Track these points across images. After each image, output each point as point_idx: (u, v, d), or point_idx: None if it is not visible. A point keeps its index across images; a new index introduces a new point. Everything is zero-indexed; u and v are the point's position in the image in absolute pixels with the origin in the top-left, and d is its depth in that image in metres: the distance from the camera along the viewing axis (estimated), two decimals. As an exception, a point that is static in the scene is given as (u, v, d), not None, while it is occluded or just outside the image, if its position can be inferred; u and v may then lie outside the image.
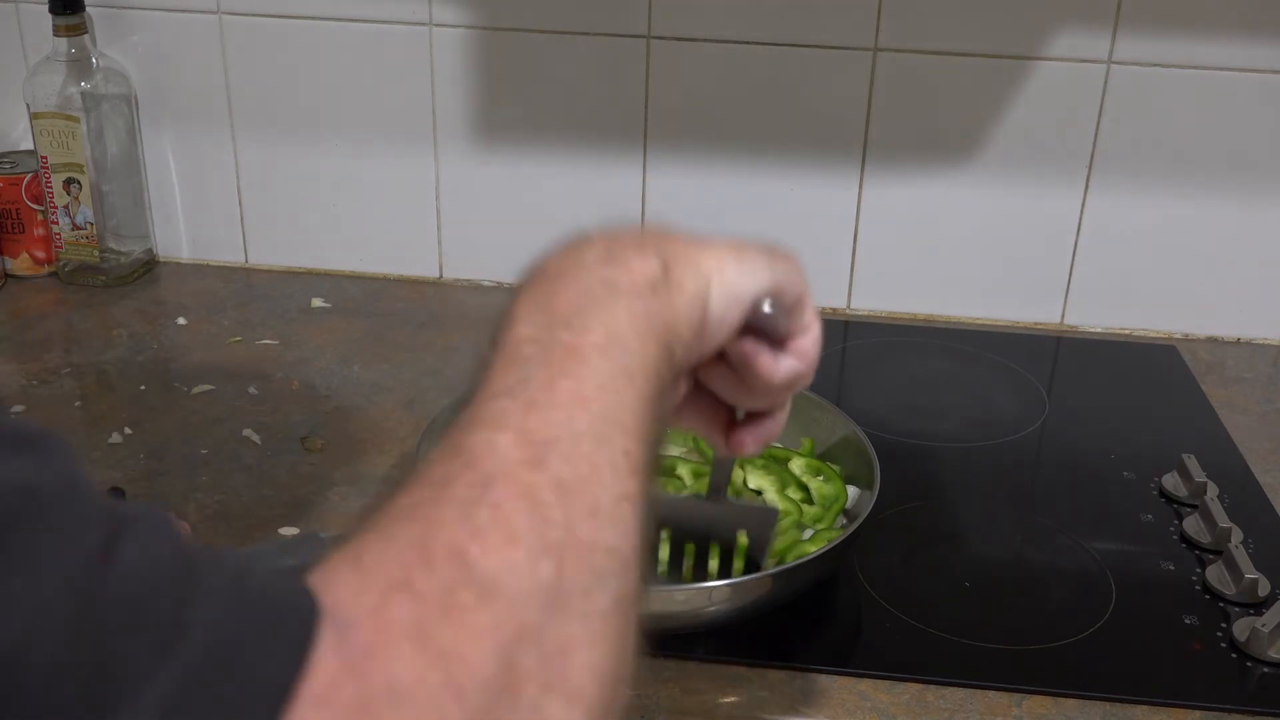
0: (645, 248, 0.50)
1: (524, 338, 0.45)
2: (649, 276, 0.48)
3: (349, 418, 1.04)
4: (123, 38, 1.23)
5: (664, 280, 0.49)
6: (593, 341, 0.45)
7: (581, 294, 0.47)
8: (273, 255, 1.32)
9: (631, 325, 0.46)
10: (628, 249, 0.49)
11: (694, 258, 0.51)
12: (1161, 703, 0.76)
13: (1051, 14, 1.13)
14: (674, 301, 0.49)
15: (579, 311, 0.46)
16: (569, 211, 1.24)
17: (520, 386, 0.43)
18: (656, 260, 0.49)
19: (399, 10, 1.19)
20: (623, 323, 0.46)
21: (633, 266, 0.48)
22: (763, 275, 0.53)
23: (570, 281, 0.48)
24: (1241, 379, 1.17)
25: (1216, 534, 0.89)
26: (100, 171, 1.23)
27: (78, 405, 1.06)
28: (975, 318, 1.26)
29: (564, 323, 0.45)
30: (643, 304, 0.47)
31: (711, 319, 0.51)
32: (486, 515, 0.38)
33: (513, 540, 0.37)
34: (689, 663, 0.78)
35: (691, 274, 0.50)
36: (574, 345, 0.44)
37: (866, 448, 0.88)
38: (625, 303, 0.47)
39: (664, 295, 0.48)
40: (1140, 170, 1.17)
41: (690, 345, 0.50)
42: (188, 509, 0.91)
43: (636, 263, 0.48)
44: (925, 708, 0.75)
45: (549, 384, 0.43)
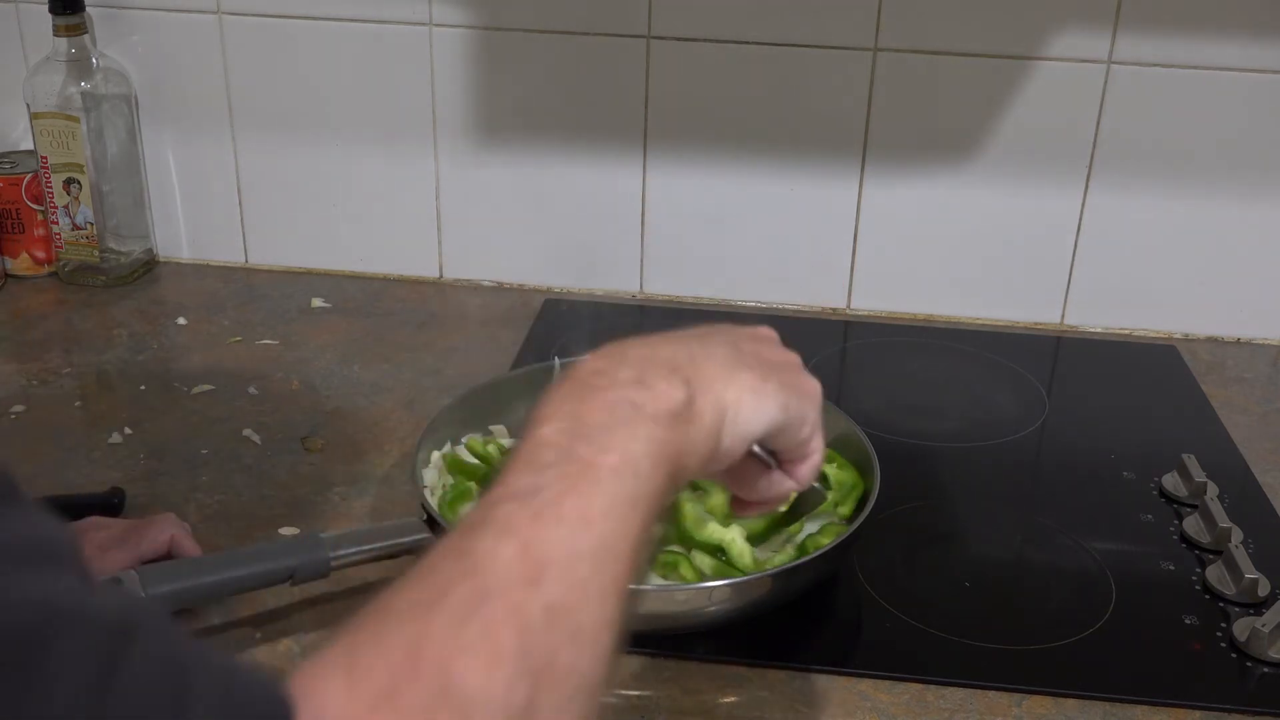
0: (676, 371, 0.53)
1: (546, 441, 0.48)
2: (672, 406, 0.52)
3: (349, 418, 1.04)
4: (123, 38, 1.23)
5: (685, 411, 0.52)
6: (609, 463, 0.48)
7: (609, 409, 0.50)
8: (273, 255, 1.32)
9: (647, 452, 0.49)
10: (660, 371, 0.53)
11: (718, 391, 0.55)
12: (1161, 703, 0.76)
13: (1051, 14, 1.12)
14: (690, 435, 0.52)
15: (603, 427, 0.49)
16: (569, 211, 1.24)
17: (533, 494, 0.46)
18: (683, 390, 0.52)
19: (399, 10, 1.19)
20: (639, 448, 0.49)
21: (659, 392, 0.52)
22: (774, 414, 0.57)
23: (601, 392, 0.51)
24: (1241, 379, 1.17)
25: (1216, 534, 0.89)
26: (100, 171, 1.23)
27: (78, 405, 1.06)
28: (975, 318, 1.26)
29: (586, 436, 0.49)
30: (662, 433, 0.50)
31: (719, 453, 0.55)
32: (477, 632, 0.40)
33: (497, 661, 0.40)
34: (689, 663, 0.78)
35: (711, 407, 0.54)
36: (590, 462, 0.47)
37: (866, 447, 0.88)
38: (646, 430, 0.50)
39: (682, 428, 0.52)
40: (1140, 170, 1.17)
41: (696, 473, 0.54)
42: (188, 509, 0.91)
43: (664, 388, 0.52)
44: (925, 708, 0.75)
45: (559, 498, 0.45)
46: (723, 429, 0.55)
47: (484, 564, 0.42)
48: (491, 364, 1.13)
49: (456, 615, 0.41)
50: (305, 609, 0.81)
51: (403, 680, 0.39)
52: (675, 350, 0.55)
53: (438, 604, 0.41)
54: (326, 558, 0.77)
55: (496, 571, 0.42)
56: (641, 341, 0.56)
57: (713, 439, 0.54)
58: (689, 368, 0.54)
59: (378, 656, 0.39)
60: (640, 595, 0.76)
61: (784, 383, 0.58)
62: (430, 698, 0.39)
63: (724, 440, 0.55)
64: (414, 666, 0.39)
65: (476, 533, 0.44)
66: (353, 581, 0.80)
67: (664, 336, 0.57)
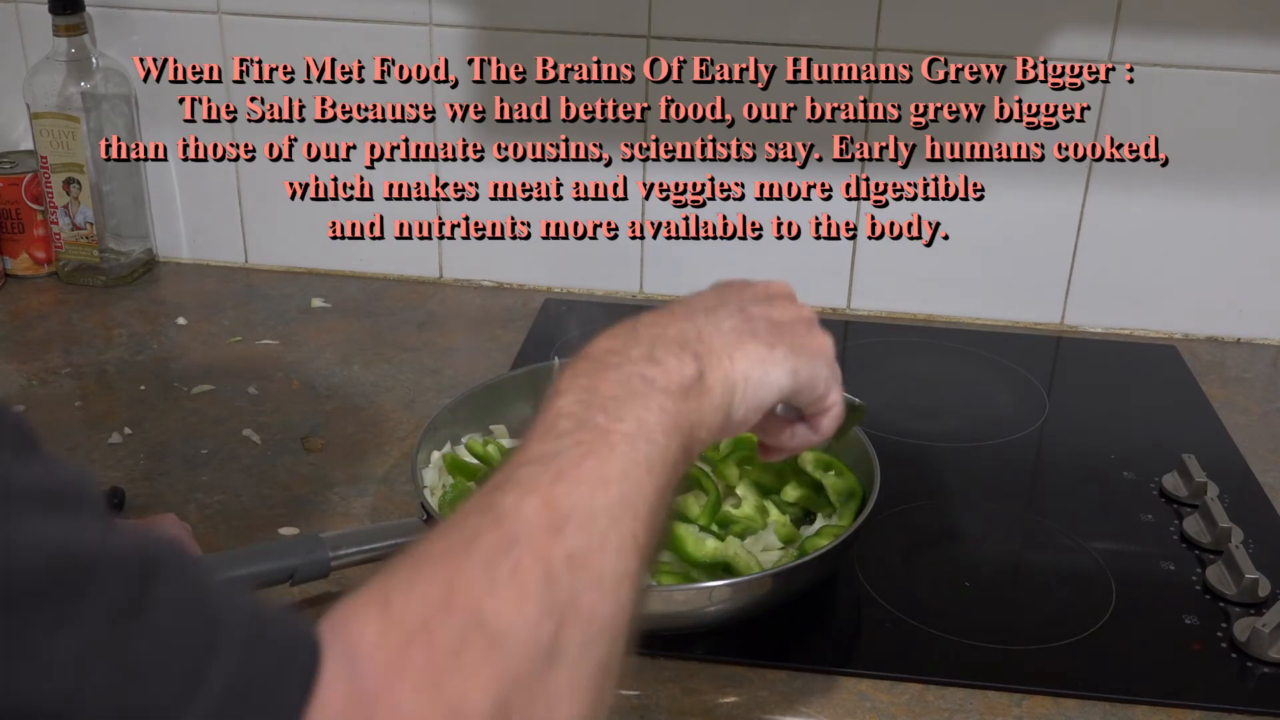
0: (685, 348, 0.55)
1: (564, 411, 0.50)
2: (683, 380, 0.54)
3: (349, 418, 1.04)
4: (123, 38, 1.23)
5: (696, 385, 0.54)
6: (623, 430, 0.50)
7: (622, 384, 0.52)
8: (273, 255, 1.32)
9: (660, 422, 0.51)
10: (670, 348, 0.55)
11: (726, 365, 0.57)
12: (1161, 703, 0.76)
13: (1051, 14, 1.12)
14: (701, 406, 0.54)
15: (617, 399, 0.51)
16: (569, 211, 1.24)
17: (552, 457, 0.48)
18: (693, 364, 0.55)
19: (399, 10, 1.19)
20: (653, 418, 0.51)
21: (670, 368, 0.54)
22: (784, 380, 0.59)
23: (614, 369, 0.53)
24: (1241, 379, 1.17)
25: (1217, 534, 0.89)
26: (100, 171, 1.23)
27: (78, 405, 1.06)
28: (975, 318, 1.26)
29: (601, 407, 0.51)
30: (674, 404, 0.53)
31: (732, 422, 0.57)
32: (506, 573, 0.43)
33: (524, 599, 0.42)
34: (689, 663, 0.78)
35: (721, 380, 0.56)
36: (606, 429, 0.50)
37: (866, 447, 0.88)
38: (659, 401, 0.52)
39: (694, 400, 0.54)
40: (1140, 170, 1.17)
41: (708, 442, 0.56)
42: (188, 509, 0.91)
43: (674, 364, 0.54)
44: (925, 708, 0.75)
45: (578, 461, 0.48)
46: (733, 401, 0.57)
47: (510, 515, 0.45)
48: (491, 364, 1.13)
49: (486, 558, 0.43)
50: (305, 609, 0.81)
51: (436, 616, 0.41)
52: (684, 326, 0.57)
53: (468, 549, 0.43)
54: (326, 558, 0.77)
55: (522, 521, 0.44)
56: (653, 319, 0.58)
57: (723, 411, 0.56)
58: (698, 344, 0.56)
59: (411, 595, 0.41)
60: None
61: (792, 347, 0.60)
62: (463, 631, 0.41)
63: (735, 412, 0.57)
64: (447, 603, 0.41)
65: (501, 490, 0.46)
66: (352, 582, 0.80)
67: (675, 310, 0.59)
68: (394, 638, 0.40)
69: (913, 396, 1.12)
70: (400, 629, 0.40)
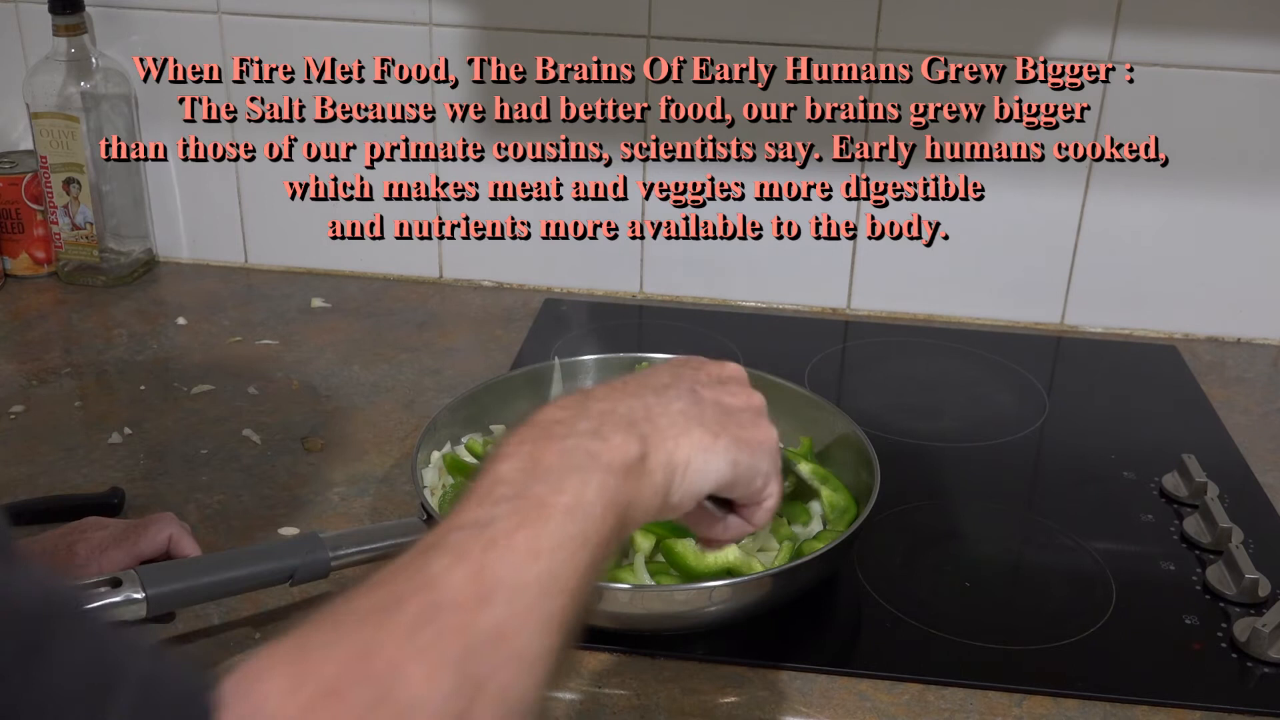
0: (633, 427, 0.55)
1: (503, 478, 0.50)
2: (626, 459, 0.53)
3: (349, 418, 1.04)
4: (123, 37, 1.23)
5: (638, 466, 0.54)
6: (562, 502, 0.49)
7: (565, 455, 0.52)
8: (273, 255, 1.32)
9: (599, 498, 0.51)
10: (617, 425, 0.55)
11: (669, 449, 0.56)
12: (1161, 703, 0.76)
13: (1051, 14, 1.12)
14: (640, 487, 0.54)
15: (558, 471, 0.51)
16: (569, 211, 1.24)
17: (487, 524, 0.47)
18: (638, 445, 0.54)
19: (399, 10, 1.19)
20: (592, 494, 0.51)
21: (615, 445, 0.53)
22: (724, 471, 0.59)
23: (559, 440, 0.53)
24: (1241, 379, 1.17)
25: (1217, 534, 0.89)
26: (100, 171, 1.23)
27: (78, 405, 1.06)
28: (975, 318, 1.26)
29: (542, 477, 0.50)
30: (615, 481, 0.52)
31: (668, 506, 0.57)
32: (427, 641, 0.42)
33: (440, 671, 0.42)
34: (689, 663, 0.78)
35: (663, 464, 0.56)
36: (544, 500, 0.49)
37: (866, 447, 0.88)
38: (600, 477, 0.52)
39: (634, 480, 0.54)
40: (1140, 170, 1.17)
41: (642, 523, 0.56)
42: (188, 509, 0.91)
43: (619, 441, 0.54)
44: (925, 708, 0.75)
45: (511, 530, 0.47)
46: (672, 485, 0.56)
47: (438, 581, 0.44)
48: (491, 364, 1.13)
49: (409, 625, 0.42)
50: (305, 609, 0.80)
51: (349, 680, 0.40)
52: (634, 404, 0.57)
53: (392, 613, 0.43)
54: (326, 558, 0.77)
55: (449, 588, 0.44)
56: (604, 392, 0.58)
57: (661, 493, 0.56)
58: (645, 424, 0.56)
59: (328, 655, 0.41)
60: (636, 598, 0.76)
61: (736, 438, 0.59)
62: (374, 699, 0.40)
63: (673, 495, 0.57)
64: (363, 668, 0.41)
65: (430, 554, 0.46)
66: (352, 581, 0.80)
67: (625, 386, 0.59)
68: (301, 699, 0.39)
69: (913, 396, 1.12)
70: (310, 690, 0.40)
